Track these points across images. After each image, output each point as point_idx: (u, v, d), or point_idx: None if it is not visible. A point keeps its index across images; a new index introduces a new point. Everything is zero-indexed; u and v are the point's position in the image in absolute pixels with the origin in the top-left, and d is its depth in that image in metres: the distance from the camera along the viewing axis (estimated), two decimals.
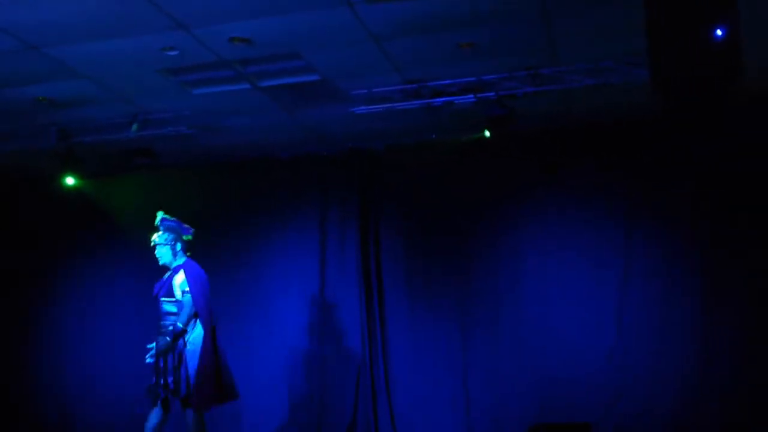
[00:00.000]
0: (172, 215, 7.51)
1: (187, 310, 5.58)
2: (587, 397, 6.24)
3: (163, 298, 5.70)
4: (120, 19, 4.72)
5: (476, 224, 6.89)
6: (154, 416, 5.55)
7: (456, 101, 5.93)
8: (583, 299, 6.52)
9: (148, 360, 5.59)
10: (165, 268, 5.80)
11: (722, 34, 3.53)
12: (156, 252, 5.78)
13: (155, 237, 5.81)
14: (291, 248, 7.29)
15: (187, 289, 5.61)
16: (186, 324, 5.57)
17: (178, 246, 5.80)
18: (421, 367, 6.79)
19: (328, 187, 7.30)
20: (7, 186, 7.85)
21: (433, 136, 6.88)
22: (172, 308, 5.65)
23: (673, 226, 6.42)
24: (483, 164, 6.89)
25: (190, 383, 5.48)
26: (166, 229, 5.81)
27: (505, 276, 6.75)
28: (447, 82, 5.82)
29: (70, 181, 6.87)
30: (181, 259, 5.79)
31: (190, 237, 5.88)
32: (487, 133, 6.15)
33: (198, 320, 5.59)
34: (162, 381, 5.49)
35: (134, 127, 6.32)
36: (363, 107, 6.09)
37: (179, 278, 5.68)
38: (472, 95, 5.86)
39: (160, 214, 5.86)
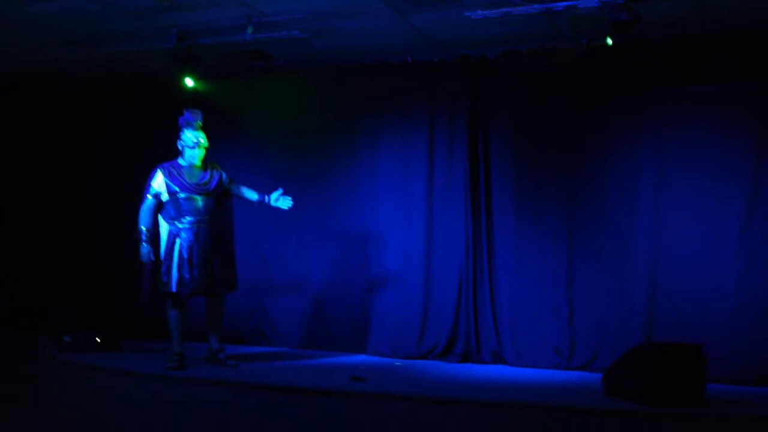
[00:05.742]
0: (284, 117, 7.71)
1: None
2: (699, 319, 6.06)
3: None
4: None
5: (589, 139, 6.62)
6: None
7: (579, 5, 5.62)
8: (700, 219, 6.22)
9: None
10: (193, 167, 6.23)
11: None
12: (203, 151, 6.21)
13: (204, 138, 6.22)
14: (399, 152, 7.26)
15: None
16: None
17: None
18: (526, 278, 6.74)
19: (439, 94, 7.16)
20: (128, 84, 8.16)
21: (552, 44, 6.59)
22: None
23: None
24: (602, 75, 6.55)
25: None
26: None
27: (616, 193, 6.49)
28: None
29: (189, 82, 7.04)
30: None
31: None
32: (610, 41, 5.81)
33: None
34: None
35: (249, 29, 6.37)
36: (479, 12, 5.87)
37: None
38: None
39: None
